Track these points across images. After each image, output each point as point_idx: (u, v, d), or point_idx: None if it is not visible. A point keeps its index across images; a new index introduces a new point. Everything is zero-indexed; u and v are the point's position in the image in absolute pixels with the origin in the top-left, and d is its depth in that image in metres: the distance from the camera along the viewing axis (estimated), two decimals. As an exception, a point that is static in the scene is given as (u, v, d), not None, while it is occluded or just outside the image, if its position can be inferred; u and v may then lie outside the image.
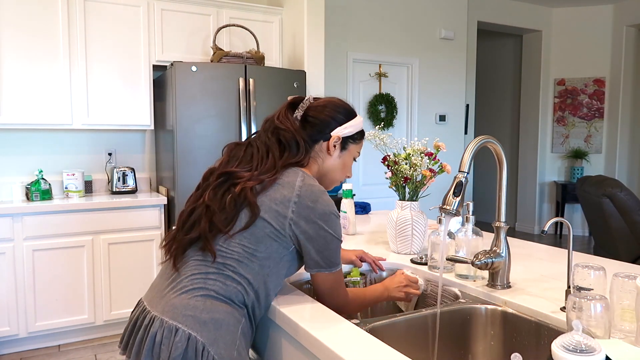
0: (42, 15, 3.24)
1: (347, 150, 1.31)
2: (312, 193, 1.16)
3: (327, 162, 1.30)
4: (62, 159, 3.65)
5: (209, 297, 1.10)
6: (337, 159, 1.31)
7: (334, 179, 1.33)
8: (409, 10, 5.36)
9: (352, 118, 1.31)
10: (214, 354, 1.06)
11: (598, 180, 4.05)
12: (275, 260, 1.16)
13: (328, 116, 1.28)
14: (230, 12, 3.81)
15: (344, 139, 1.29)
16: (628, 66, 6.46)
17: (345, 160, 1.33)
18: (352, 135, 1.31)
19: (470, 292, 1.34)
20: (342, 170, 1.33)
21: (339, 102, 1.33)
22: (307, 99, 1.31)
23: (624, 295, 0.99)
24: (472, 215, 1.43)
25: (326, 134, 1.27)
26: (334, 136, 1.27)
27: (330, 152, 1.28)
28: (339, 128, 1.28)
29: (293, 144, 1.23)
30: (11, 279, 3.03)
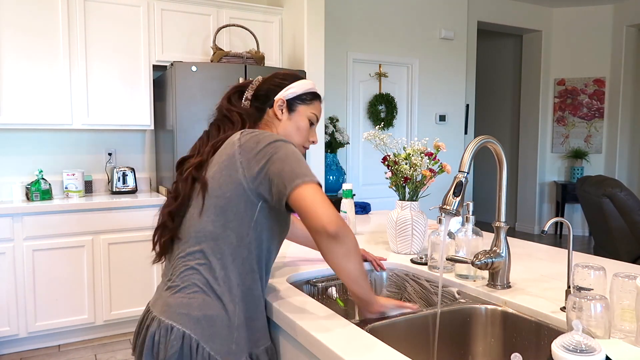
0: (42, 15, 3.24)
1: (296, 112, 1.30)
2: (253, 136, 1.15)
3: (279, 128, 1.29)
4: (62, 159, 3.65)
5: (200, 292, 1.11)
6: (287, 122, 1.30)
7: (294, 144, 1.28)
8: (409, 10, 5.36)
9: (295, 80, 1.32)
10: (209, 350, 1.08)
11: (598, 180, 4.05)
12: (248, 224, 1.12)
13: (270, 84, 1.31)
14: (230, 12, 3.81)
15: (289, 101, 1.29)
16: (628, 66, 6.46)
17: (298, 123, 1.30)
18: (298, 96, 1.30)
19: (470, 292, 1.34)
20: (297, 133, 1.30)
21: (283, 70, 1.37)
22: (256, 79, 1.35)
23: (624, 295, 0.99)
24: (472, 215, 1.43)
25: (271, 100, 1.29)
26: (277, 100, 1.29)
27: (278, 115, 1.29)
28: (281, 92, 1.29)
29: (237, 118, 1.26)
30: (11, 279, 3.03)
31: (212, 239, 1.12)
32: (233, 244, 1.12)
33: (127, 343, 3.26)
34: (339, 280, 1.52)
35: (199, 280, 1.12)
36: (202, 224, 1.13)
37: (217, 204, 1.12)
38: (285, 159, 1.10)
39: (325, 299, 1.52)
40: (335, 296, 1.51)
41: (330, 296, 1.52)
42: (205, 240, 1.13)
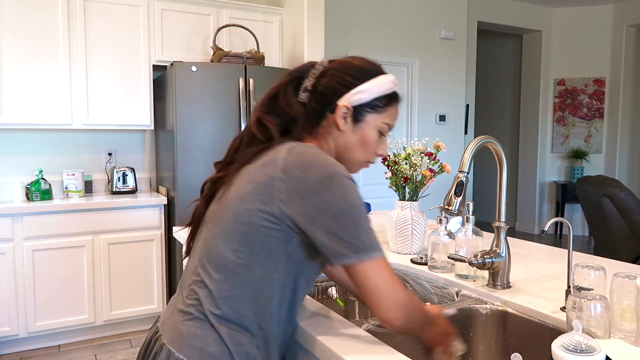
0: (42, 15, 3.24)
1: (363, 122, 1.01)
2: (302, 160, 0.90)
3: (340, 139, 1.02)
4: (62, 159, 3.65)
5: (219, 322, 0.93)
6: (351, 135, 1.01)
7: (355, 159, 1.04)
8: (409, 10, 5.36)
9: (368, 79, 1.01)
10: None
11: (598, 180, 4.05)
12: (279, 259, 0.92)
13: (336, 81, 1.00)
14: (230, 12, 3.81)
15: (357, 109, 1.00)
16: (628, 66, 6.46)
17: (364, 135, 1.02)
18: (369, 102, 1.01)
19: (470, 292, 1.34)
20: (362, 148, 1.03)
21: (354, 60, 1.03)
22: (320, 63, 1.04)
23: (624, 295, 0.99)
24: (472, 215, 1.43)
25: (332, 103, 1.00)
26: (340, 106, 1.00)
27: (340, 126, 1.00)
28: (347, 95, 1.00)
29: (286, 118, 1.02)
30: (11, 279, 3.03)
31: (232, 271, 0.92)
32: (257, 279, 0.92)
33: (127, 343, 3.27)
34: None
35: (213, 316, 0.93)
36: (222, 250, 0.94)
37: (243, 230, 0.91)
38: (344, 214, 0.87)
39: (325, 299, 1.52)
40: (335, 296, 1.51)
41: (330, 296, 1.52)
42: (224, 271, 0.93)
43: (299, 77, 1.04)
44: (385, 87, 1.02)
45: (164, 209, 3.45)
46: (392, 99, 1.04)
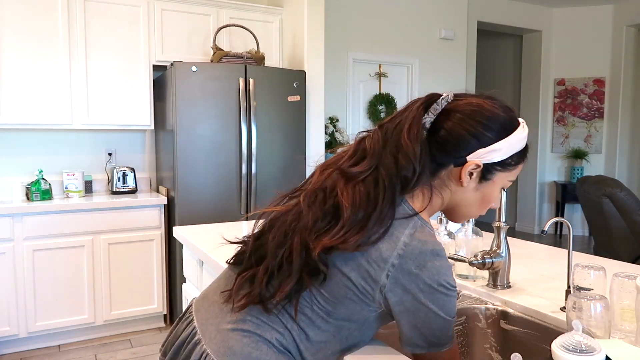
0: (42, 16, 3.24)
1: (490, 182, 0.91)
2: (420, 254, 0.83)
3: (459, 195, 0.92)
4: (62, 159, 3.65)
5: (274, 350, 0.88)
6: (472, 192, 0.92)
7: (468, 214, 0.97)
8: (409, 10, 5.36)
9: (505, 135, 0.89)
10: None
11: (598, 180, 4.05)
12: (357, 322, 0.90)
13: (467, 132, 0.87)
14: (230, 12, 3.81)
15: (486, 166, 0.89)
16: (628, 66, 6.46)
17: (488, 193, 0.93)
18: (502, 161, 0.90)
19: (470, 292, 1.34)
20: (481, 205, 0.95)
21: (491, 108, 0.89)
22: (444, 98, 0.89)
23: (624, 295, 0.99)
24: (472, 215, 1.43)
25: (460, 157, 0.88)
26: (470, 162, 0.88)
27: (463, 182, 0.89)
28: (480, 151, 0.88)
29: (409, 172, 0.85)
30: (11, 279, 3.03)
31: (309, 318, 0.88)
32: (329, 333, 0.89)
33: (127, 343, 3.26)
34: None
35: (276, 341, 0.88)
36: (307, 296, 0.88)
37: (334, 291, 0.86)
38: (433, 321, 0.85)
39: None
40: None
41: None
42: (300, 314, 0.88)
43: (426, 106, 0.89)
44: (520, 143, 0.91)
45: (164, 209, 3.45)
46: (524, 155, 0.94)
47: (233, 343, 0.88)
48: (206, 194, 3.26)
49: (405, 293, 0.83)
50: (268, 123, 3.46)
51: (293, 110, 3.56)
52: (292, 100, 3.54)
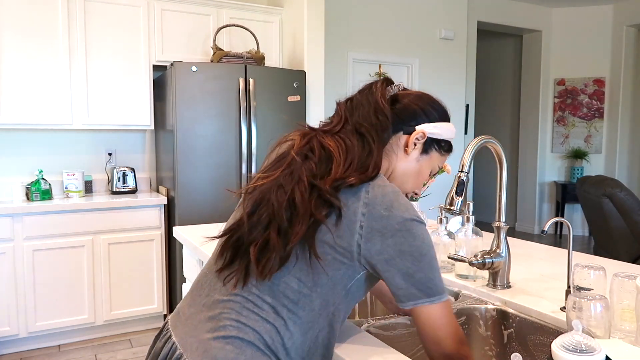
0: (42, 15, 3.24)
1: (427, 156, 1.04)
2: (384, 196, 0.89)
3: (401, 163, 1.02)
4: (62, 159, 3.65)
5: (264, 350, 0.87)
6: (413, 162, 1.03)
7: (404, 187, 1.05)
8: (409, 10, 5.36)
9: (445, 120, 1.06)
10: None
11: (598, 180, 4.05)
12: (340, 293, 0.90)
13: (419, 107, 1.02)
14: (230, 12, 3.81)
15: (428, 140, 1.02)
16: (628, 66, 6.46)
17: (422, 168, 1.04)
18: (439, 140, 1.04)
19: (470, 292, 1.34)
20: (415, 178, 1.05)
21: (435, 98, 1.07)
22: (398, 85, 1.06)
23: (624, 295, 0.99)
24: (472, 215, 1.43)
25: (410, 126, 1.01)
26: (418, 130, 1.01)
27: (409, 149, 1.01)
28: (426, 125, 1.02)
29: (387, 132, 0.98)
30: (11, 279, 3.03)
31: (292, 300, 0.88)
32: (314, 312, 0.89)
33: (127, 343, 3.27)
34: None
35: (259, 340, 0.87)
36: (285, 277, 0.88)
37: (314, 261, 0.88)
38: (423, 257, 0.87)
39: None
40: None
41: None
42: (282, 298, 0.88)
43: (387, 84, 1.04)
44: (452, 134, 1.06)
45: (164, 209, 3.45)
46: (451, 148, 1.08)
47: (216, 352, 0.86)
48: (206, 194, 3.26)
49: (384, 238, 0.86)
50: (268, 123, 3.46)
51: (293, 110, 3.56)
52: (292, 100, 3.54)
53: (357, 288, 0.92)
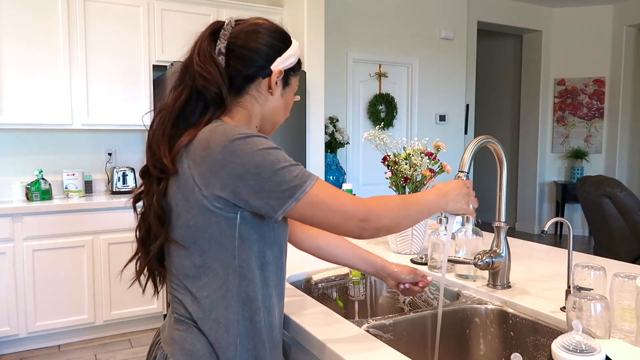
0: (42, 16, 3.24)
1: (289, 86, 1.03)
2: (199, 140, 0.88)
3: (269, 104, 1.00)
4: (62, 159, 3.65)
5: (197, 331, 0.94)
6: (279, 99, 1.01)
7: (277, 122, 1.06)
8: (409, 10, 5.36)
9: (290, 44, 1.01)
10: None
11: (598, 180, 4.05)
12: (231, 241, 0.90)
13: (263, 44, 0.96)
14: (230, 12, 3.81)
15: (286, 72, 1.00)
16: (628, 66, 6.46)
17: (289, 98, 1.04)
18: (293, 66, 1.02)
19: (470, 292, 1.34)
20: (285, 110, 1.05)
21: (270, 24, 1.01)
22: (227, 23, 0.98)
23: (624, 295, 0.99)
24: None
25: (265, 69, 0.97)
26: (275, 71, 0.97)
27: (273, 91, 0.99)
28: (279, 59, 0.98)
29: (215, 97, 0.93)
30: (11, 279, 3.03)
31: (193, 276, 0.92)
32: (219, 274, 0.91)
33: (127, 343, 3.27)
34: (338, 281, 1.52)
35: (189, 319, 0.95)
36: (176, 259, 0.94)
37: (184, 235, 0.91)
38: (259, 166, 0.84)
39: (325, 299, 1.52)
40: (335, 296, 1.51)
41: (330, 296, 1.52)
42: (186, 277, 0.94)
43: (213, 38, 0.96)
44: (299, 49, 1.03)
45: (164, 209, 3.45)
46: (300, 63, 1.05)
47: (173, 333, 0.96)
48: (206, 194, 3.26)
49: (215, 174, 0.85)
50: (268, 123, 3.45)
51: (293, 110, 3.53)
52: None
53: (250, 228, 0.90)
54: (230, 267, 0.90)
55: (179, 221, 0.91)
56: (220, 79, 0.92)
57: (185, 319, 0.94)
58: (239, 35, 0.96)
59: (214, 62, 0.93)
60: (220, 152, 0.85)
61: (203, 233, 0.89)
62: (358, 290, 1.52)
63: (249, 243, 0.91)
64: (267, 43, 0.97)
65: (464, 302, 1.29)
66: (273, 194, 0.85)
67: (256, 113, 0.99)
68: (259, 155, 0.85)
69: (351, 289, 1.54)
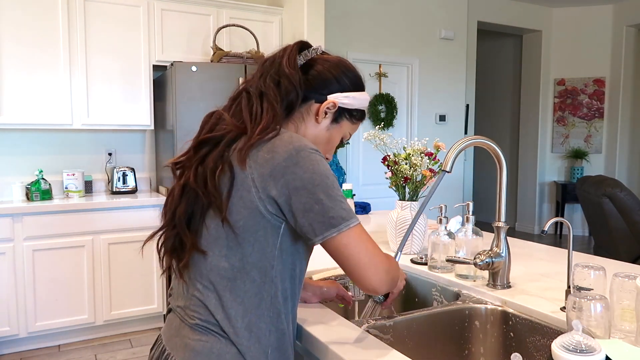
0: (42, 16, 3.24)
1: (338, 125, 1.03)
2: (266, 143, 0.89)
3: (311, 130, 1.01)
4: (62, 159, 3.65)
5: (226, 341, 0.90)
6: (323, 130, 1.02)
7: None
8: (409, 10, 5.36)
9: (358, 90, 1.04)
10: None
11: (598, 180, 4.05)
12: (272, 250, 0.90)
13: (333, 75, 1.01)
14: (230, 12, 3.81)
15: (340, 110, 1.02)
16: (628, 66, 6.46)
17: (333, 136, 1.04)
18: (351, 110, 1.03)
19: (470, 292, 1.34)
20: (325, 145, 1.04)
21: (351, 66, 1.06)
22: (315, 48, 1.05)
23: (624, 295, 0.99)
24: (472, 215, 1.43)
25: (322, 95, 1.00)
26: (329, 100, 1.00)
27: (319, 118, 1.00)
28: (338, 94, 1.01)
29: (290, 101, 0.96)
30: (11, 279, 3.03)
31: (228, 278, 0.89)
32: (256, 282, 0.90)
33: (127, 343, 3.27)
34: (338, 281, 1.52)
35: (214, 326, 0.91)
36: (212, 258, 0.91)
37: (230, 233, 0.89)
38: (317, 186, 0.86)
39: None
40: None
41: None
42: (219, 281, 0.90)
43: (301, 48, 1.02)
44: (365, 103, 1.06)
45: (164, 209, 3.45)
46: (364, 116, 1.08)
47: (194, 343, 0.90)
48: (206, 194, 3.26)
49: (275, 180, 0.85)
50: (268, 123, 3.45)
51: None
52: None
53: (290, 240, 0.91)
54: (268, 276, 0.90)
55: (231, 217, 0.89)
56: (299, 87, 0.97)
57: (209, 325, 0.90)
58: (319, 61, 1.02)
59: (298, 70, 0.98)
60: (286, 159, 0.86)
61: (250, 236, 0.89)
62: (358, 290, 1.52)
63: (286, 255, 0.92)
64: (336, 76, 1.01)
65: (463, 302, 1.29)
66: (319, 217, 0.86)
67: (298, 131, 1.01)
68: (319, 175, 0.87)
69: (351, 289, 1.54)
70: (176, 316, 0.97)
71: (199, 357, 0.89)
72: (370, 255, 0.89)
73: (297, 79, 0.96)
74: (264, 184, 0.86)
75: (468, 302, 1.29)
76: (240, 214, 0.88)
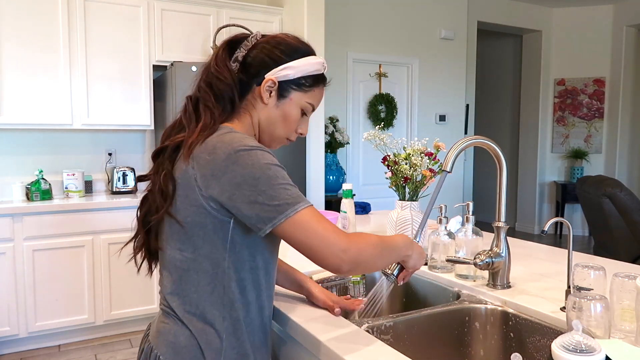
0: (42, 16, 3.24)
1: (287, 99, 1.02)
2: (206, 144, 0.93)
3: (262, 113, 1.03)
4: (62, 159, 3.65)
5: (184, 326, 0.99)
6: (273, 109, 1.03)
7: (275, 135, 1.06)
8: (409, 10, 5.36)
9: (296, 57, 1.02)
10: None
11: (598, 180, 4.05)
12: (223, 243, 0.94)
13: (265, 54, 1.01)
14: (230, 12, 3.81)
15: (282, 84, 1.01)
16: (628, 66, 6.46)
17: (286, 111, 1.03)
18: (295, 79, 1.02)
19: (470, 292, 1.34)
20: (283, 124, 1.04)
21: (286, 37, 1.05)
22: (255, 35, 1.05)
23: (624, 295, 0.99)
24: (472, 215, 1.43)
25: (260, 77, 1.01)
26: (266, 79, 1.00)
27: (264, 99, 1.01)
28: (274, 69, 1.01)
29: (227, 98, 1.00)
30: (11, 279, 3.03)
31: (182, 269, 0.97)
32: (209, 273, 0.96)
33: (127, 343, 3.27)
34: (338, 281, 1.52)
35: (174, 311, 1.00)
36: (169, 251, 0.99)
37: (180, 229, 0.96)
38: (257, 179, 0.88)
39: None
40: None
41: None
42: (175, 271, 0.99)
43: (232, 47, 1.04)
44: (313, 67, 1.04)
45: (164, 209, 3.45)
46: (319, 80, 1.06)
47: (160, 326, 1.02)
48: (206, 194, 3.26)
49: (217, 179, 0.89)
50: (268, 123, 3.45)
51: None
52: (292, 100, 3.54)
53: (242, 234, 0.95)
54: (220, 267, 0.95)
55: (178, 214, 0.95)
56: (232, 82, 1.00)
57: (169, 310, 1.00)
58: (257, 46, 1.03)
59: (227, 67, 1.01)
60: (224, 160, 0.89)
61: (199, 230, 0.94)
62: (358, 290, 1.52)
63: (239, 247, 0.96)
64: (268, 53, 1.02)
65: (463, 302, 1.29)
66: (265, 207, 0.88)
67: (255, 120, 1.04)
68: (259, 168, 0.89)
69: (351, 289, 1.55)
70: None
71: (161, 336, 1.00)
72: (322, 236, 0.89)
73: (226, 75, 0.99)
74: (206, 184, 0.91)
75: (468, 303, 1.29)
76: (187, 211, 0.94)
